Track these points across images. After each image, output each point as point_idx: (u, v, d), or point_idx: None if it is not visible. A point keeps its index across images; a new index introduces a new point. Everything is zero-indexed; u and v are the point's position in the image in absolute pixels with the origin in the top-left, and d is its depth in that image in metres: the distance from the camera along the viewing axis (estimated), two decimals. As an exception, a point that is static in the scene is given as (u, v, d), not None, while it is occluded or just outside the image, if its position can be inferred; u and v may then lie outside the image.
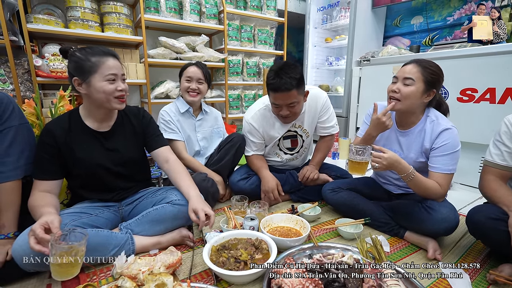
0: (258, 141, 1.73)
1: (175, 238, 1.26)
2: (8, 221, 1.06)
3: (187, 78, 1.74)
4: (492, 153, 1.15)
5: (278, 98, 1.47)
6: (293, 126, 1.73)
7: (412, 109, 1.28)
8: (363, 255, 1.06)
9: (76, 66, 1.09)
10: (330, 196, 1.58)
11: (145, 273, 0.97)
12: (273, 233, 1.29)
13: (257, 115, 1.69)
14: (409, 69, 1.24)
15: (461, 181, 2.24)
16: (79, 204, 1.24)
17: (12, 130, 1.08)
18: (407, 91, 1.22)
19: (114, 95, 1.12)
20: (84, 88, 1.11)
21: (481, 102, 2.04)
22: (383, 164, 1.17)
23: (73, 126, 1.17)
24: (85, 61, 1.08)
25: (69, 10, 2.20)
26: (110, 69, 1.09)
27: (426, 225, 1.24)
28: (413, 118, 1.32)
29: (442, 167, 1.22)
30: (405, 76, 1.23)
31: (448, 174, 1.22)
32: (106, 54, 1.11)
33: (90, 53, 1.09)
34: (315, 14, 3.77)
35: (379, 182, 1.61)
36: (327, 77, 4.05)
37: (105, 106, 1.15)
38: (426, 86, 1.22)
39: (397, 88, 1.24)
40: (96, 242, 1.06)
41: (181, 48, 2.63)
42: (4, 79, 2.07)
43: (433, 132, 1.26)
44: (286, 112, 1.51)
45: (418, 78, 1.21)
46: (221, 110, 3.30)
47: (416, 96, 1.23)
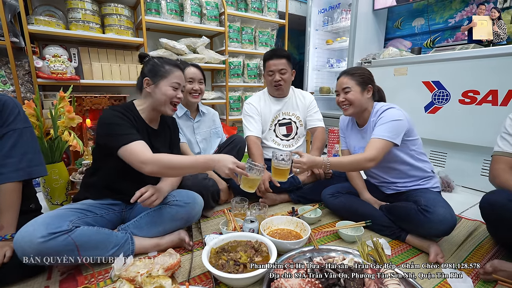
0: (256, 117, 1.92)
1: (174, 240, 1.25)
2: (7, 222, 1.06)
3: (189, 80, 1.73)
4: (500, 144, 1.21)
5: (272, 65, 1.82)
6: (287, 114, 1.97)
7: (362, 107, 1.47)
8: (364, 258, 1.05)
9: (151, 69, 1.25)
10: (330, 201, 1.59)
11: (143, 276, 0.96)
12: (273, 236, 1.28)
13: (255, 97, 2.00)
14: (342, 81, 1.47)
15: (463, 184, 2.23)
16: (88, 201, 1.22)
17: (16, 133, 1.10)
18: (351, 97, 1.43)
19: (173, 100, 1.27)
20: (151, 88, 1.25)
21: (483, 104, 2.03)
22: (303, 168, 1.32)
23: (134, 116, 1.25)
24: (160, 66, 1.25)
25: (70, 11, 2.21)
26: (177, 78, 1.26)
27: (424, 227, 1.24)
28: (366, 115, 1.50)
29: (376, 133, 1.36)
30: (343, 87, 1.46)
31: (380, 139, 1.33)
32: (177, 66, 1.29)
33: (165, 62, 1.27)
34: (316, 16, 3.77)
35: (374, 184, 1.63)
36: (328, 79, 4.04)
37: (160, 109, 1.27)
38: (361, 86, 1.43)
39: (343, 98, 1.46)
40: (97, 240, 1.06)
41: (182, 50, 2.63)
42: (4, 80, 2.08)
43: (377, 114, 1.44)
44: (278, 78, 1.83)
45: (352, 84, 1.43)
46: (222, 112, 3.30)
47: (358, 97, 1.43)
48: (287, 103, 1.96)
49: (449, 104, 2.21)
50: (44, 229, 0.94)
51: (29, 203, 1.18)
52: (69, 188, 1.72)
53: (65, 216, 1.04)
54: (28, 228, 0.94)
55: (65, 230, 0.97)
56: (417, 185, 1.44)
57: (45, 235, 0.93)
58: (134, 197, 1.14)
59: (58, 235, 0.95)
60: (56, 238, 0.95)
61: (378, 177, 1.56)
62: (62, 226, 0.97)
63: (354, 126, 1.60)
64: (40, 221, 0.96)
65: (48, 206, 1.69)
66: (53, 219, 0.99)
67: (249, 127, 1.89)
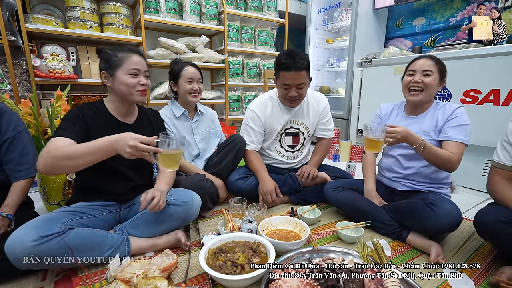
0: (258, 130, 1.74)
1: (171, 240, 1.24)
2: (12, 203, 1.13)
3: (188, 80, 1.71)
4: (500, 154, 1.15)
5: (289, 78, 1.55)
6: (296, 123, 1.76)
7: (430, 97, 1.41)
8: (364, 259, 1.04)
9: (105, 61, 1.18)
10: (332, 195, 1.55)
11: (139, 277, 0.94)
12: (272, 236, 1.26)
13: (261, 104, 1.74)
14: (425, 62, 1.37)
15: (465, 184, 2.21)
16: (80, 203, 1.21)
17: (22, 134, 1.22)
18: (429, 81, 1.35)
19: (136, 88, 1.19)
20: (110, 81, 1.19)
21: (485, 103, 2.01)
22: (397, 138, 1.24)
23: (99, 112, 1.22)
24: (112, 56, 1.17)
25: (68, 10, 2.19)
26: (134, 64, 1.18)
27: (430, 221, 1.22)
28: (426, 106, 1.45)
29: (454, 136, 1.31)
30: (425, 69, 1.35)
31: (460, 143, 1.29)
32: (132, 51, 1.20)
33: (117, 50, 1.18)
34: (316, 15, 3.76)
35: (383, 181, 1.60)
36: (328, 79, 4.03)
37: (128, 98, 1.21)
38: (440, 76, 1.37)
39: (419, 79, 1.36)
40: (92, 242, 1.04)
41: (181, 49, 2.61)
42: (2, 79, 2.06)
43: (446, 110, 1.38)
44: (295, 93, 1.57)
45: (435, 70, 1.35)
46: (221, 111, 3.28)
47: (435, 85, 1.36)
48: (298, 111, 1.76)
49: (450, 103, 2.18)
50: (35, 232, 0.92)
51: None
52: (66, 188, 1.70)
53: (56, 218, 1.02)
54: (20, 232, 0.92)
55: (57, 232, 0.95)
56: (432, 187, 1.43)
57: (36, 238, 0.91)
58: (142, 206, 1.13)
59: (50, 238, 0.93)
60: (48, 241, 0.93)
61: (397, 170, 1.49)
62: (53, 229, 0.96)
63: (401, 113, 1.53)
64: (31, 225, 0.95)
65: (45, 206, 1.67)
66: (44, 222, 0.97)
67: (248, 141, 1.76)
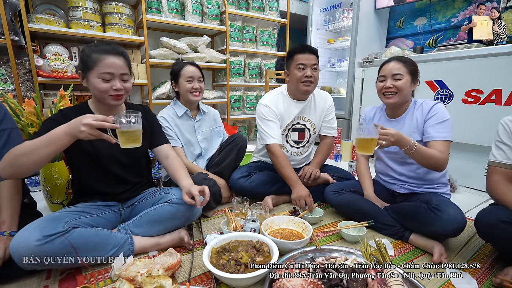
0: (276, 121, 1.71)
1: (174, 239, 1.24)
2: (9, 217, 1.07)
3: (188, 79, 1.72)
4: (495, 154, 1.16)
5: (304, 58, 1.61)
6: (303, 119, 1.79)
7: (406, 98, 1.41)
8: (367, 259, 1.04)
9: (81, 60, 1.12)
10: (333, 198, 1.55)
11: (144, 276, 0.95)
12: (275, 236, 1.26)
13: (272, 99, 1.75)
14: (394, 66, 1.38)
15: (466, 184, 2.21)
16: (82, 203, 1.22)
17: (6, 132, 1.13)
18: (401, 85, 1.36)
19: (108, 93, 1.11)
20: (85, 82, 1.14)
21: (487, 103, 2.01)
22: (390, 140, 1.21)
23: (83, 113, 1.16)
24: (86, 56, 1.09)
25: (70, 10, 2.20)
26: (106, 68, 1.08)
27: (434, 226, 1.21)
28: (404, 107, 1.46)
29: (436, 135, 1.31)
30: (394, 73, 1.37)
31: (444, 141, 1.30)
32: (107, 52, 1.10)
33: (92, 50, 1.09)
34: (318, 15, 3.76)
35: (383, 183, 1.59)
36: (330, 79, 4.03)
37: (102, 102, 1.16)
38: (412, 76, 1.38)
39: (391, 84, 1.37)
40: (95, 242, 1.04)
41: (183, 49, 2.62)
42: (5, 79, 2.07)
43: (424, 109, 1.39)
44: (310, 73, 1.62)
45: (405, 72, 1.36)
46: (223, 111, 3.29)
47: (407, 87, 1.37)
48: (306, 106, 1.77)
49: (452, 103, 2.19)
50: (39, 232, 0.92)
51: (22, 198, 1.19)
52: (69, 187, 1.70)
53: (59, 218, 1.02)
54: (23, 233, 0.93)
55: (60, 231, 0.96)
56: (431, 188, 1.43)
57: (40, 238, 0.91)
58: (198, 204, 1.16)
59: (54, 238, 0.94)
60: (52, 240, 0.93)
61: (395, 174, 1.50)
62: (57, 228, 0.96)
63: (383, 117, 1.54)
64: (34, 225, 0.95)
65: (48, 205, 1.68)
66: (48, 222, 0.98)
67: (271, 133, 1.65)
